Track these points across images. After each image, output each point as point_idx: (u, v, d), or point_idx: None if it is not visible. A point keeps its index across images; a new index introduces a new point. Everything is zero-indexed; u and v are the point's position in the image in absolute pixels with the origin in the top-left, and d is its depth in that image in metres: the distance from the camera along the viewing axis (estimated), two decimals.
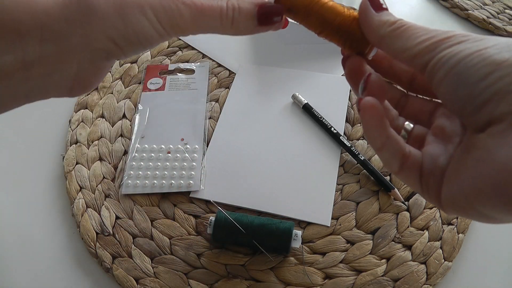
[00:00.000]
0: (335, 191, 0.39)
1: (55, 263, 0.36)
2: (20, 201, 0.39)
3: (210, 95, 0.47)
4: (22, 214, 0.38)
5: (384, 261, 0.35)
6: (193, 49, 0.52)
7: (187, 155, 0.41)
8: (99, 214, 0.38)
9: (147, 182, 0.39)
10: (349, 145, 0.41)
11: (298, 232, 0.34)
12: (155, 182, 0.39)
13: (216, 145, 0.43)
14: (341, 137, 0.42)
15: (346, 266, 0.35)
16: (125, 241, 0.36)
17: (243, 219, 0.34)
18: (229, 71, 0.50)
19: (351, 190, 0.39)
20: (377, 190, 0.39)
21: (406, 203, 0.38)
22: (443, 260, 0.35)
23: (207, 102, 0.46)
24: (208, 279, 0.34)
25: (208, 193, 0.39)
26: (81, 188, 0.39)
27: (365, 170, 0.40)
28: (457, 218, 0.37)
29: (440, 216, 0.37)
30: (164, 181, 0.39)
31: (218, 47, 0.52)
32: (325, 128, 0.43)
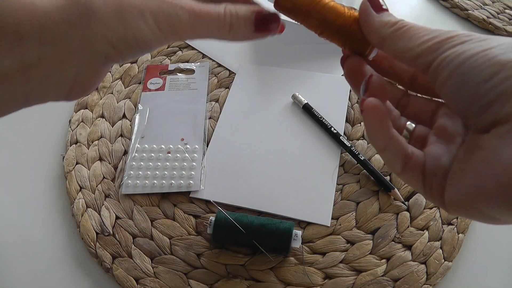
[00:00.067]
0: (335, 191, 0.39)
1: (55, 263, 0.36)
2: (20, 201, 0.39)
3: (210, 95, 0.47)
4: (22, 214, 0.38)
5: (384, 261, 0.35)
6: (193, 49, 0.52)
7: (187, 155, 0.41)
8: (99, 214, 0.38)
9: (147, 182, 0.39)
10: (349, 145, 0.41)
11: (298, 232, 0.34)
12: (155, 182, 0.39)
13: (216, 145, 0.43)
14: (341, 137, 0.42)
15: (346, 266, 0.35)
16: (125, 241, 0.36)
17: (243, 219, 0.34)
18: (229, 71, 0.50)
19: (351, 190, 0.39)
20: (377, 190, 0.39)
21: (406, 203, 0.38)
22: (443, 260, 0.35)
23: (207, 102, 0.46)
24: (208, 279, 0.34)
25: (208, 193, 0.39)
26: (81, 188, 0.39)
27: (365, 170, 0.40)
28: (457, 218, 0.37)
29: (440, 216, 0.37)
30: (164, 181, 0.39)
31: (218, 47, 0.52)
32: (325, 128, 0.43)
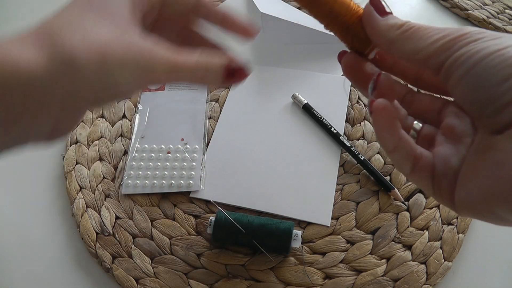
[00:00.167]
0: (335, 191, 0.39)
1: (55, 263, 0.36)
2: (20, 201, 0.39)
3: (210, 95, 0.47)
4: (22, 214, 0.38)
5: (384, 261, 0.35)
6: None
7: (187, 155, 0.41)
8: (99, 214, 0.38)
9: (147, 182, 0.39)
10: (349, 145, 0.41)
11: (298, 232, 0.34)
12: (155, 182, 0.39)
13: (216, 145, 0.43)
14: (341, 137, 0.42)
15: (346, 266, 0.35)
16: (125, 241, 0.36)
17: (243, 219, 0.34)
18: None
19: (351, 190, 0.39)
20: (377, 190, 0.39)
21: (406, 203, 0.38)
22: (443, 260, 0.35)
23: (207, 102, 0.46)
24: (208, 279, 0.34)
25: (208, 193, 0.39)
26: (81, 188, 0.39)
27: (365, 170, 0.40)
28: (457, 218, 0.37)
29: (440, 216, 0.37)
30: (164, 181, 0.39)
31: None
32: (325, 128, 0.43)
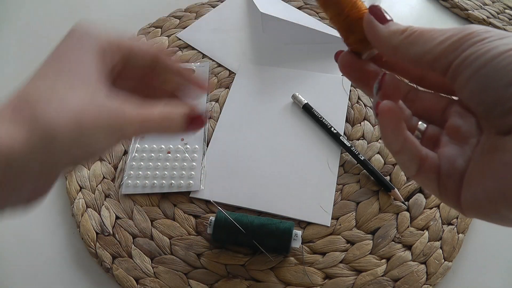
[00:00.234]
0: (335, 191, 0.39)
1: (55, 263, 0.36)
2: None
3: (210, 95, 0.47)
4: (22, 214, 0.38)
5: (384, 261, 0.35)
6: (193, 49, 0.52)
7: (187, 155, 0.41)
8: (99, 214, 0.38)
9: (147, 182, 0.39)
10: (349, 145, 0.41)
11: (298, 232, 0.34)
12: (155, 182, 0.39)
13: (216, 145, 0.43)
14: (341, 137, 0.42)
15: (346, 266, 0.35)
16: (125, 241, 0.36)
17: (243, 219, 0.34)
18: (229, 71, 0.50)
19: (351, 190, 0.39)
20: (377, 190, 0.39)
21: (406, 203, 0.38)
22: (443, 260, 0.35)
23: (207, 102, 0.46)
24: (208, 279, 0.34)
25: (208, 193, 0.39)
26: (81, 188, 0.39)
27: (365, 170, 0.40)
28: (457, 218, 0.37)
29: (440, 216, 0.37)
30: (164, 181, 0.39)
31: (218, 47, 0.52)
32: (325, 128, 0.43)
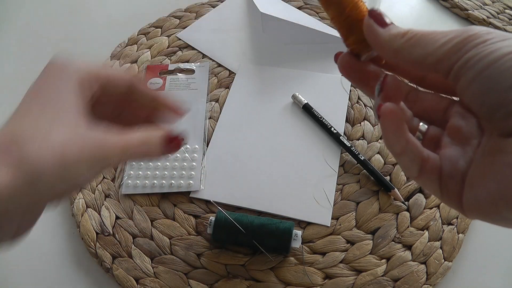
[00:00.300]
0: (335, 191, 0.39)
1: (55, 263, 0.36)
2: None
3: (210, 95, 0.47)
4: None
5: (384, 261, 0.35)
6: (193, 49, 0.52)
7: (187, 155, 0.41)
8: (99, 214, 0.38)
9: (147, 182, 0.39)
10: (349, 145, 0.41)
11: (298, 232, 0.34)
12: (155, 182, 0.39)
13: (216, 145, 0.43)
14: (341, 137, 0.42)
15: (346, 266, 0.35)
16: (125, 241, 0.36)
17: (243, 219, 0.34)
18: (229, 71, 0.50)
19: (351, 190, 0.39)
20: (377, 190, 0.39)
21: (406, 203, 0.38)
22: (443, 260, 0.35)
23: (207, 102, 0.46)
24: (208, 279, 0.34)
25: (208, 193, 0.39)
26: (81, 188, 0.39)
27: (365, 170, 0.40)
28: (457, 218, 0.37)
29: (440, 216, 0.37)
30: (164, 181, 0.39)
31: (218, 47, 0.52)
32: (325, 128, 0.43)
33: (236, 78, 0.49)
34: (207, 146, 0.42)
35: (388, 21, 0.21)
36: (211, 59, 0.51)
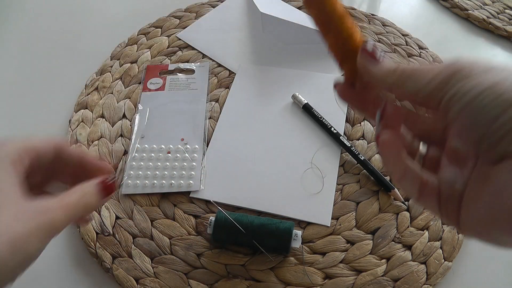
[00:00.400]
0: (335, 191, 0.39)
1: (55, 263, 0.36)
2: None
3: (210, 95, 0.47)
4: None
5: (384, 261, 0.35)
6: (193, 49, 0.52)
7: (187, 155, 0.41)
8: (99, 214, 0.38)
9: (147, 182, 0.39)
10: (349, 145, 0.41)
11: (298, 232, 0.34)
12: (155, 182, 0.39)
13: (216, 145, 0.43)
14: (341, 137, 0.42)
15: (346, 266, 0.35)
16: (125, 241, 0.36)
17: (243, 219, 0.34)
18: (229, 71, 0.50)
19: (351, 190, 0.39)
20: (377, 190, 0.39)
21: (406, 203, 0.38)
22: (443, 260, 0.35)
23: (207, 102, 0.46)
24: (208, 279, 0.34)
25: (208, 193, 0.39)
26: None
27: (365, 170, 0.40)
28: None
29: None
30: (164, 181, 0.39)
31: (218, 47, 0.52)
32: (325, 128, 0.43)
33: (236, 78, 0.49)
34: (207, 146, 0.42)
35: (380, 56, 0.23)
36: (211, 59, 0.51)
